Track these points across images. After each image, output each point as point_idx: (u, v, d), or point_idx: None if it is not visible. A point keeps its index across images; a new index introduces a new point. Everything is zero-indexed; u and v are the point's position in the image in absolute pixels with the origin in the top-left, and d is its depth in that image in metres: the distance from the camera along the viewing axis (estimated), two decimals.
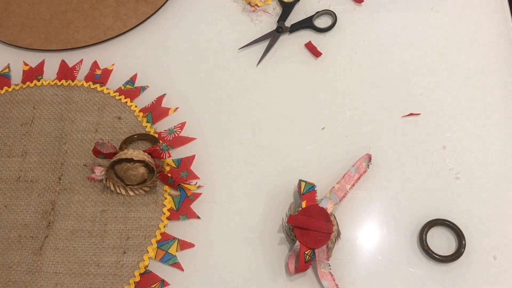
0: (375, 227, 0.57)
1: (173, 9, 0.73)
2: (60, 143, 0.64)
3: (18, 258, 0.57)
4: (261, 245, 0.57)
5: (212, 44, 0.70)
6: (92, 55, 0.70)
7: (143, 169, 0.58)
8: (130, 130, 0.64)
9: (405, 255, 0.55)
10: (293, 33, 0.70)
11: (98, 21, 0.72)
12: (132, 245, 0.57)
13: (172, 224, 0.58)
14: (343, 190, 0.57)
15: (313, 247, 0.52)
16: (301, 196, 0.56)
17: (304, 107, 0.64)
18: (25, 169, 0.62)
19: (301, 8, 0.72)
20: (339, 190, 0.57)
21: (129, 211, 0.59)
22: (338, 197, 0.56)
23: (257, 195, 0.60)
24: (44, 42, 0.71)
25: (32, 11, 0.74)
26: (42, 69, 0.70)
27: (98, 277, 0.56)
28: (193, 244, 0.57)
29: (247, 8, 0.72)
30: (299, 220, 0.53)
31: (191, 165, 0.61)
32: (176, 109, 0.65)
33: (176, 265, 0.56)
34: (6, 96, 0.67)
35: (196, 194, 0.60)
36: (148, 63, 0.69)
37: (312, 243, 0.52)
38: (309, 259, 0.52)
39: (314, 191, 0.56)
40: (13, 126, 0.65)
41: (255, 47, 0.69)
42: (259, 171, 0.61)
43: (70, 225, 0.59)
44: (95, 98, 0.66)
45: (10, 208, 0.60)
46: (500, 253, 0.55)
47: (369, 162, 0.59)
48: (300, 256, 0.52)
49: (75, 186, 0.61)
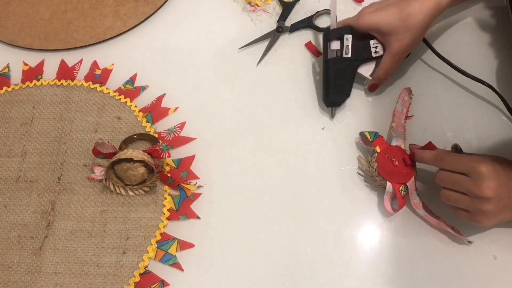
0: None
1: (173, 9, 0.73)
2: (60, 143, 0.63)
3: (18, 258, 0.57)
4: (262, 245, 0.57)
5: (212, 44, 0.70)
6: (91, 55, 0.70)
7: (143, 169, 0.58)
8: (129, 130, 0.64)
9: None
10: (293, 33, 0.70)
11: (98, 21, 0.72)
12: (132, 245, 0.57)
13: (172, 224, 0.58)
14: (401, 126, 0.60)
15: (404, 181, 0.55)
16: (372, 143, 0.58)
17: (304, 107, 0.64)
18: (25, 169, 0.62)
19: (301, 8, 0.72)
20: (398, 127, 0.59)
21: (129, 211, 0.59)
22: (402, 133, 0.59)
23: (257, 195, 0.59)
24: (43, 41, 0.71)
25: (31, 11, 0.74)
26: (41, 69, 0.69)
27: (97, 277, 0.56)
28: (193, 244, 0.57)
29: (247, 8, 0.72)
30: (395, 151, 0.57)
31: (191, 165, 0.61)
32: (176, 109, 0.65)
33: (176, 265, 0.56)
34: (5, 96, 0.67)
35: (196, 194, 0.60)
36: (148, 63, 0.69)
37: (402, 178, 0.56)
38: (405, 194, 0.55)
39: (381, 136, 0.58)
40: (13, 126, 0.65)
41: (255, 47, 0.69)
42: (259, 170, 0.61)
43: (69, 225, 0.59)
44: (94, 98, 0.66)
45: (9, 208, 0.60)
46: (500, 253, 0.55)
47: (411, 94, 0.62)
48: (396, 194, 0.55)
49: (75, 186, 0.61)
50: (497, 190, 0.48)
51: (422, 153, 0.55)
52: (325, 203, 0.58)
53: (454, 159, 0.51)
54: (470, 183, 0.49)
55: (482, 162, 0.48)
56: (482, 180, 0.48)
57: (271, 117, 0.64)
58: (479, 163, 0.48)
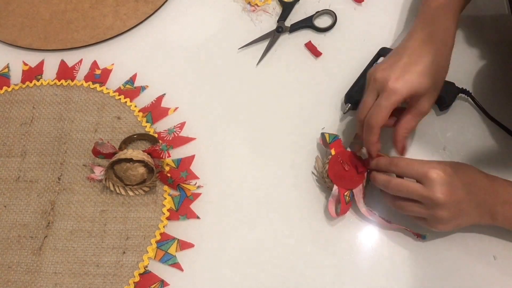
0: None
1: (172, 9, 0.73)
2: (60, 143, 0.63)
3: (18, 258, 0.57)
4: (261, 245, 0.57)
5: (212, 44, 0.70)
6: (91, 54, 0.70)
7: (143, 169, 0.58)
8: (129, 130, 0.64)
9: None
10: (293, 33, 0.70)
11: (98, 21, 0.72)
12: (131, 245, 0.57)
13: (172, 224, 0.58)
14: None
15: (351, 187, 0.55)
16: (329, 145, 0.58)
17: (304, 107, 0.64)
18: (25, 169, 0.62)
19: (301, 8, 0.71)
20: (361, 136, 0.58)
21: (128, 211, 0.59)
22: (361, 141, 0.57)
23: (257, 194, 0.59)
24: (43, 41, 0.71)
25: (31, 11, 0.74)
26: (41, 69, 0.69)
27: (97, 277, 0.56)
28: (193, 244, 0.57)
29: (247, 8, 0.72)
30: (349, 156, 0.56)
31: (190, 165, 0.61)
32: (176, 109, 0.65)
33: (175, 265, 0.56)
34: (5, 96, 0.67)
35: (196, 194, 0.60)
36: (147, 63, 0.69)
37: (349, 184, 0.56)
38: (349, 200, 0.55)
39: (339, 139, 0.59)
40: (13, 126, 0.65)
41: (255, 47, 0.69)
42: (259, 170, 0.61)
43: (69, 225, 0.59)
44: (94, 98, 0.66)
45: (9, 208, 0.60)
46: (500, 253, 0.55)
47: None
48: (340, 198, 0.55)
49: (75, 186, 0.61)
50: (450, 195, 0.47)
51: (377, 159, 0.54)
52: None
53: (408, 164, 0.50)
54: (423, 189, 0.48)
55: (434, 168, 0.48)
56: (434, 186, 0.47)
57: (271, 117, 0.64)
58: (430, 168, 0.47)
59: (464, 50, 0.66)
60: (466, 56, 0.65)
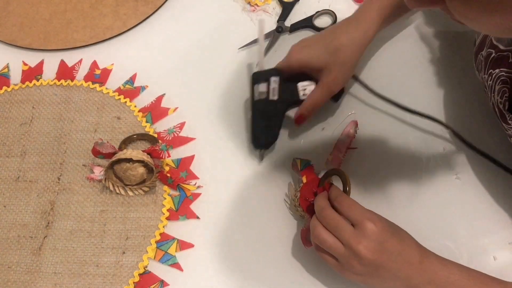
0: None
1: (172, 9, 0.73)
2: (59, 143, 0.63)
3: (17, 258, 0.57)
4: (261, 246, 0.57)
5: (211, 44, 0.70)
6: (91, 54, 0.70)
7: (143, 169, 0.58)
8: (129, 130, 0.64)
9: None
10: (293, 33, 0.70)
11: (98, 21, 0.72)
12: (131, 245, 0.57)
13: (172, 224, 0.58)
14: (337, 159, 0.58)
15: None
16: (300, 172, 0.56)
17: None
18: (24, 169, 0.62)
19: (301, 8, 0.71)
20: (334, 160, 0.58)
21: (128, 211, 0.59)
22: (334, 167, 0.56)
23: (257, 194, 0.59)
24: (43, 41, 0.71)
25: (31, 10, 0.74)
26: (41, 69, 0.69)
27: (97, 277, 0.56)
28: (193, 244, 0.57)
29: (247, 8, 0.72)
30: (315, 183, 0.54)
31: (190, 165, 0.61)
32: (176, 109, 0.65)
33: (175, 265, 0.56)
34: (5, 96, 0.67)
35: (196, 194, 0.60)
36: (147, 63, 0.69)
37: None
38: None
39: (311, 166, 0.57)
40: (12, 126, 0.65)
41: (255, 47, 0.69)
42: (259, 170, 0.61)
43: (69, 225, 0.58)
44: (94, 98, 0.66)
45: (9, 208, 0.60)
46: (500, 253, 0.55)
47: (356, 127, 0.60)
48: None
49: (74, 186, 0.61)
50: (373, 254, 0.45)
51: (331, 188, 0.51)
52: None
53: (350, 205, 0.48)
54: (352, 234, 0.46)
55: (372, 221, 0.46)
56: (364, 237, 0.45)
57: None
58: (369, 220, 0.46)
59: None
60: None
